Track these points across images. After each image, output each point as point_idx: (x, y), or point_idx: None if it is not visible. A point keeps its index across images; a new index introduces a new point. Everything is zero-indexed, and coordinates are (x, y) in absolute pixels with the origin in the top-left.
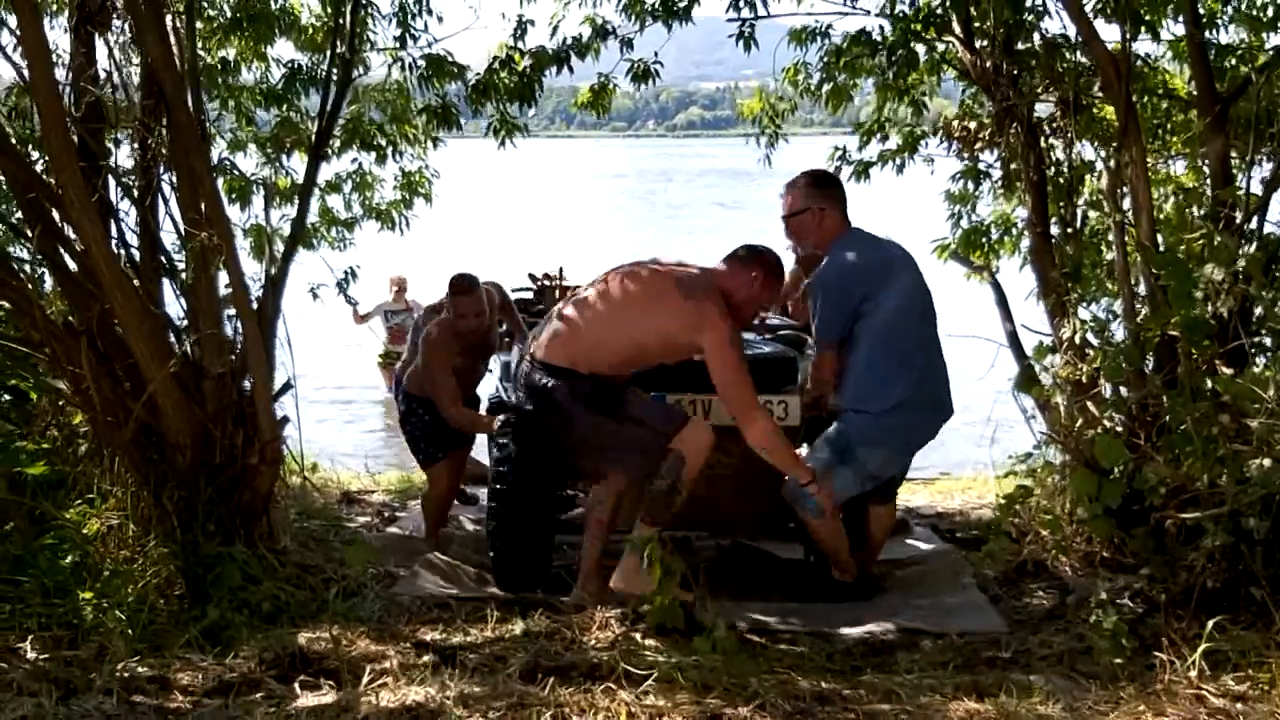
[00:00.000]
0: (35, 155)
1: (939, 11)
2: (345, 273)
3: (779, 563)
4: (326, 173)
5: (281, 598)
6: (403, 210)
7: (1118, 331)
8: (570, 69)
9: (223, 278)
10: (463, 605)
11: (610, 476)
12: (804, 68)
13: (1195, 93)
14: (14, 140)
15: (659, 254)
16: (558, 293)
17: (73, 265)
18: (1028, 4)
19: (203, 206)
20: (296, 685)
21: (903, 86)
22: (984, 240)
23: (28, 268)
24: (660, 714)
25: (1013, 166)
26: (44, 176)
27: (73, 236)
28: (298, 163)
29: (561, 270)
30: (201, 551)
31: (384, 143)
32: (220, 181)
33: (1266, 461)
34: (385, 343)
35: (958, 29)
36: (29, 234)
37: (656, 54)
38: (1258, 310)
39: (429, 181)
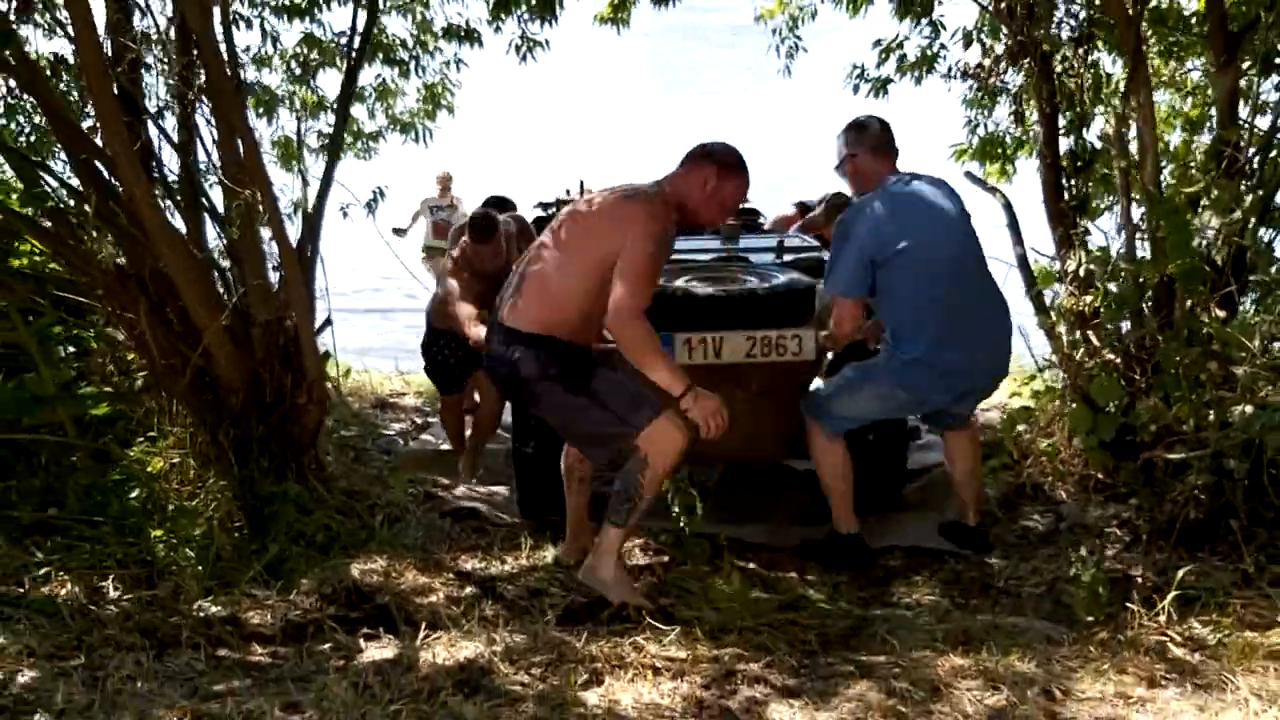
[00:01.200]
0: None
1: None
2: (374, 192)
3: (793, 475)
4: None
5: (332, 527)
6: (425, 121)
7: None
8: None
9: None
10: (498, 531)
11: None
12: None
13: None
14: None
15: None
16: None
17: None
18: None
19: (243, 160)
20: (361, 638)
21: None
22: (1000, 150)
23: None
24: (682, 670)
25: (1025, 98)
26: (91, 135)
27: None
28: (322, 79)
29: (582, 184)
30: (257, 487)
31: (407, 57)
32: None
33: (1249, 408)
34: (429, 236)
35: None
36: (84, 193)
37: None
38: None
39: (450, 93)
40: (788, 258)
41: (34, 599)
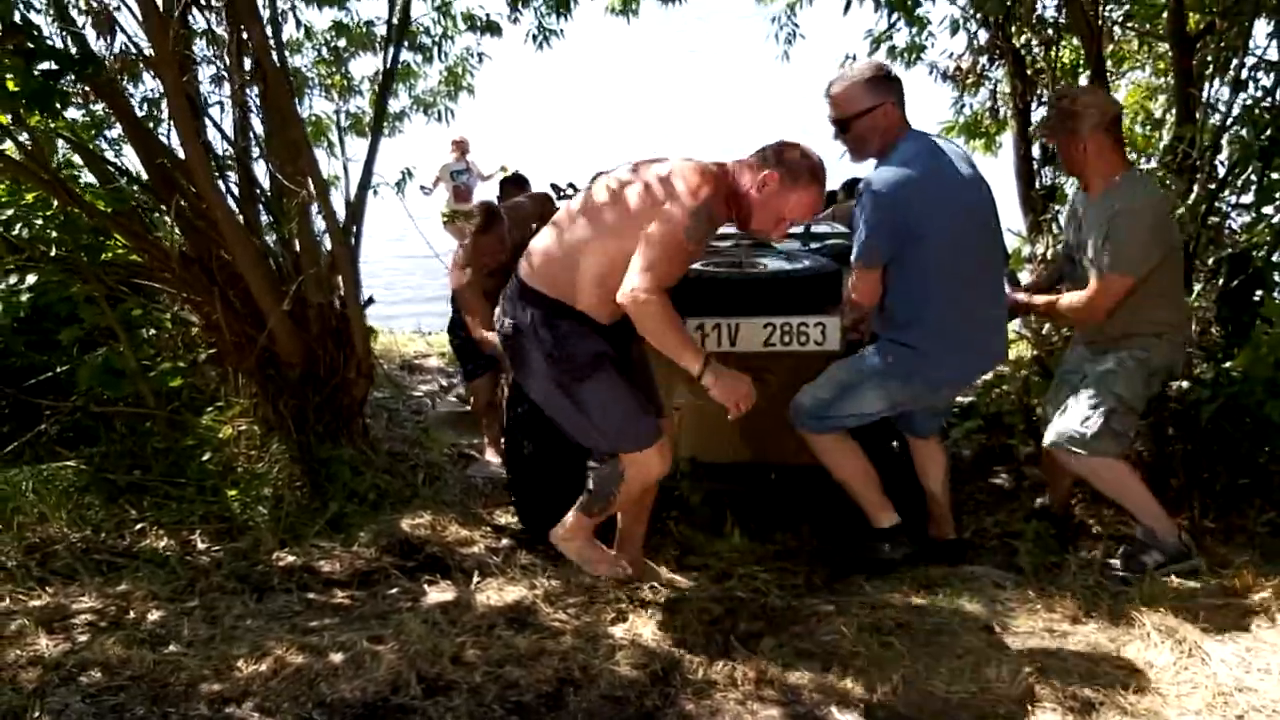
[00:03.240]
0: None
1: None
2: (403, 173)
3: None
4: (370, 67)
5: (381, 486)
6: (446, 102)
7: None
8: None
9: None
10: None
11: None
12: None
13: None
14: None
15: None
16: None
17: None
18: None
19: (298, 166)
20: (424, 583)
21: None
22: (984, 129)
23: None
24: (693, 610)
25: (1000, 93)
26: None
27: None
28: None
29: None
30: (314, 451)
31: (430, 43)
32: None
33: (1185, 383)
34: (449, 201)
35: None
36: (153, 189)
37: None
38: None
39: (470, 74)
40: (810, 246)
41: (143, 550)
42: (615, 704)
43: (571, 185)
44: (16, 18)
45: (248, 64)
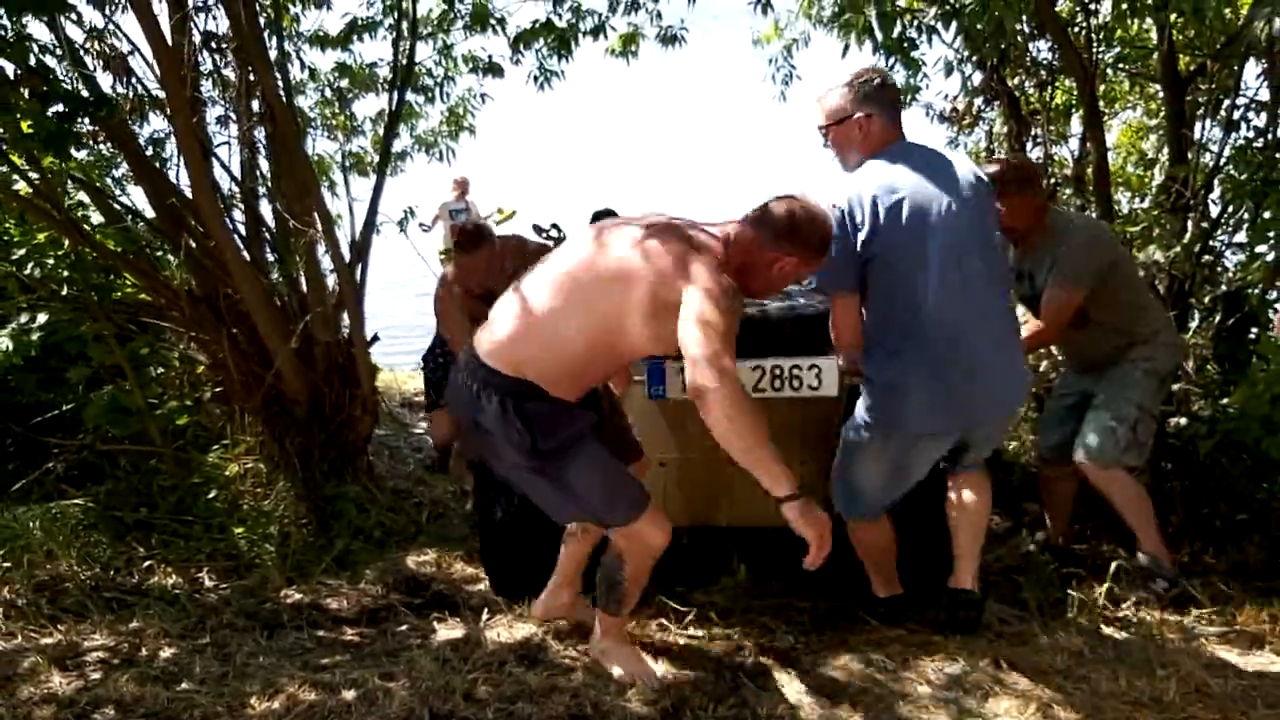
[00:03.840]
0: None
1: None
2: (405, 211)
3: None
4: (372, 108)
5: (386, 524)
6: (447, 141)
7: None
8: (605, 34)
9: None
10: None
11: None
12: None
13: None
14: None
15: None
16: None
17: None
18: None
19: (306, 206)
20: (433, 620)
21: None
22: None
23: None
24: (701, 647)
25: (996, 134)
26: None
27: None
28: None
29: (609, 211)
30: (320, 488)
31: (432, 84)
32: None
33: (1183, 420)
34: (446, 238)
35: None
36: (163, 229)
37: (683, 20)
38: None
39: (472, 114)
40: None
41: (152, 587)
42: None
43: (555, 226)
44: (31, 61)
45: (255, 105)
